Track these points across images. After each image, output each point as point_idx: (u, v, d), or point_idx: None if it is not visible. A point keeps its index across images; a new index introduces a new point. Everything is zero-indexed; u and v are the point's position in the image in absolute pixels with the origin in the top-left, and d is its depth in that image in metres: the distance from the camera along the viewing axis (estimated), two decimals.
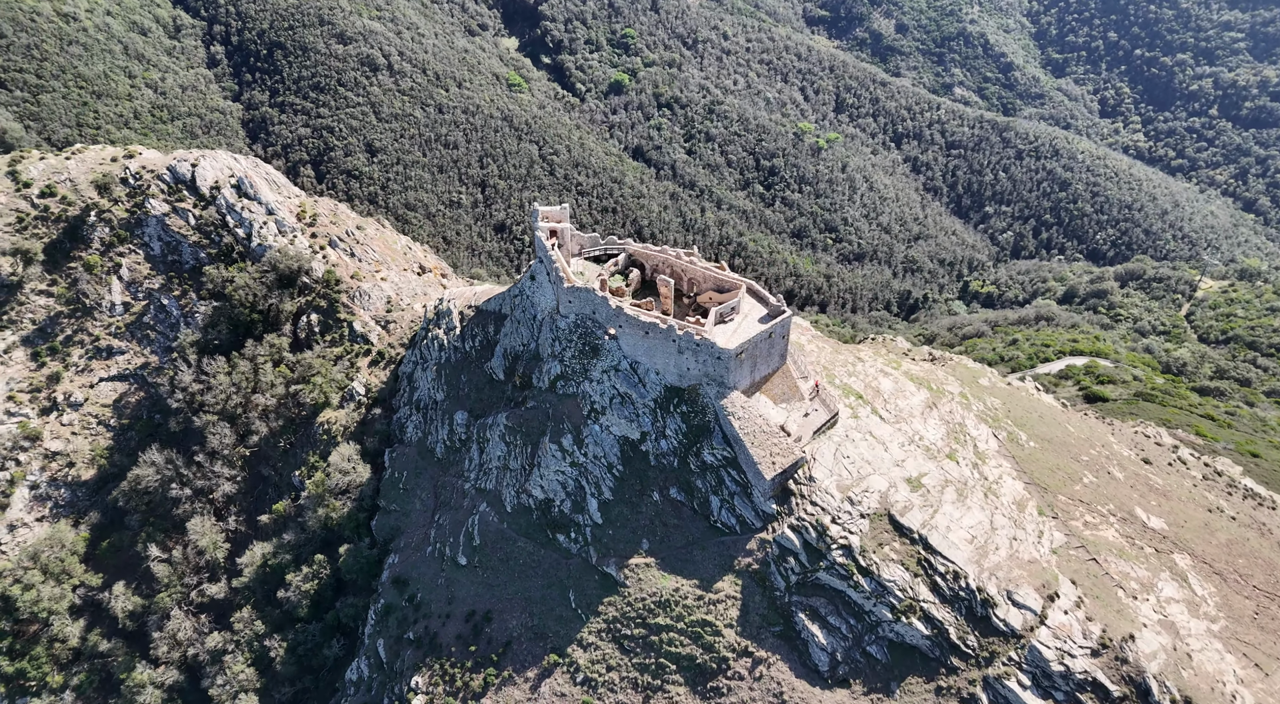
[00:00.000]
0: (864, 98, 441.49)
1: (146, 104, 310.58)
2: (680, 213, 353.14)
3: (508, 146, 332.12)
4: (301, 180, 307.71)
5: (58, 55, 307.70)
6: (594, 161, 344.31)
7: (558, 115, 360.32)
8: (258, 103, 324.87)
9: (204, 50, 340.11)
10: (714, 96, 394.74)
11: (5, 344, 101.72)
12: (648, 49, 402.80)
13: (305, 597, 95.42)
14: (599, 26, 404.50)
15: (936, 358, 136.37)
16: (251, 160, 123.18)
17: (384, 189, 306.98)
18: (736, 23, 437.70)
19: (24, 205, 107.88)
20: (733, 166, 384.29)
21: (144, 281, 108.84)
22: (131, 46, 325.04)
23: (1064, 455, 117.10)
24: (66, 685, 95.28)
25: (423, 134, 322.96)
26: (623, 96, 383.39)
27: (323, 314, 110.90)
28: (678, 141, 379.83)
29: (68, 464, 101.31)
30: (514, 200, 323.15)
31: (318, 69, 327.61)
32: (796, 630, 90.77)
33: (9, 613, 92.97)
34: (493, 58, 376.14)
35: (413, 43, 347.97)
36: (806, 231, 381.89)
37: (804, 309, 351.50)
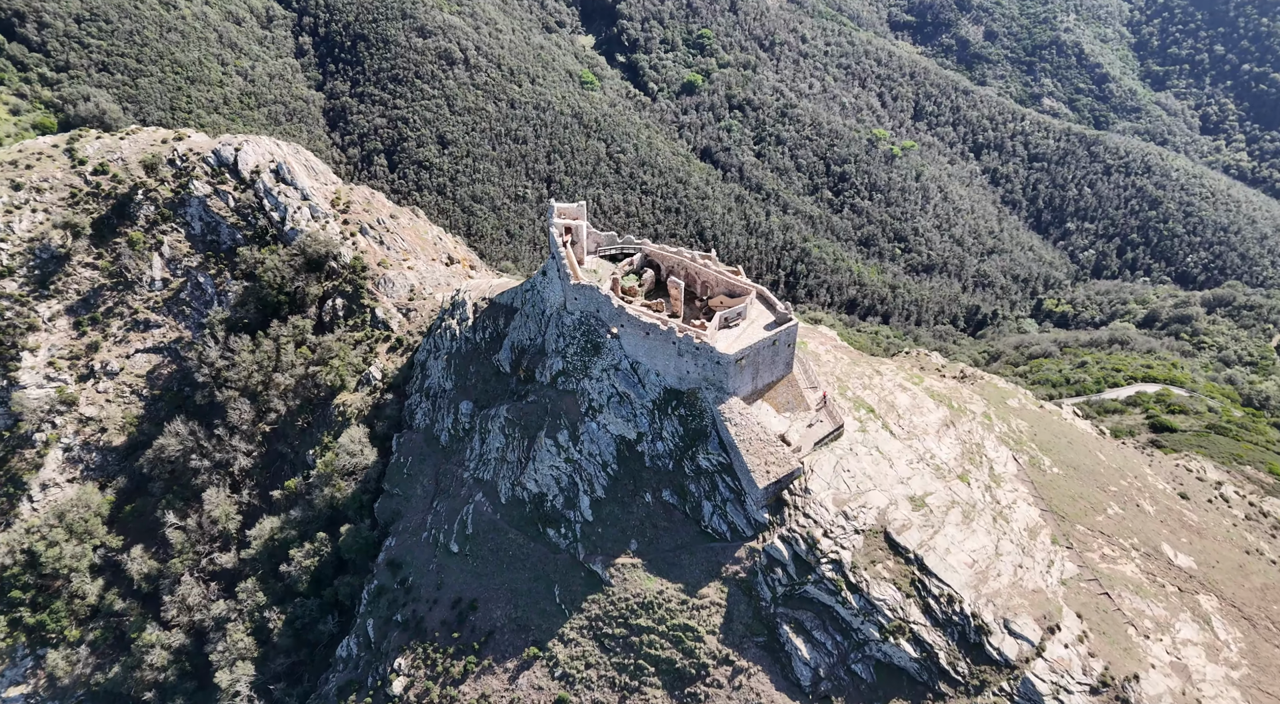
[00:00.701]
0: (944, 106, 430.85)
1: (236, 91, 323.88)
2: (744, 215, 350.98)
3: (576, 143, 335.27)
4: (374, 169, 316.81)
5: (157, 41, 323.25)
6: (660, 161, 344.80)
7: (628, 114, 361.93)
8: (339, 92, 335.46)
9: (293, 40, 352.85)
10: (787, 99, 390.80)
11: (50, 312, 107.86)
12: (723, 50, 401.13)
13: (306, 572, 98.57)
14: (676, 26, 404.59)
15: (967, 376, 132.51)
16: (292, 147, 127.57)
17: (452, 181, 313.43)
18: (816, 26, 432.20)
19: (78, 181, 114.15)
20: (802, 171, 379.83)
21: (183, 259, 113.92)
22: (226, 35, 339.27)
23: (1089, 484, 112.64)
24: (82, 640, 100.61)
25: (493, 128, 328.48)
26: (694, 97, 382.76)
27: (347, 299, 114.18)
28: (747, 144, 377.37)
29: (100, 430, 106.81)
30: (578, 196, 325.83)
31: (397, 61, 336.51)
32: (780, 642, 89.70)
33: (34, 567, 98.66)
34: (567, 55, 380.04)
35: (490, 38, 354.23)
36: (874, 240, 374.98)
37: (865, 319, 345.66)
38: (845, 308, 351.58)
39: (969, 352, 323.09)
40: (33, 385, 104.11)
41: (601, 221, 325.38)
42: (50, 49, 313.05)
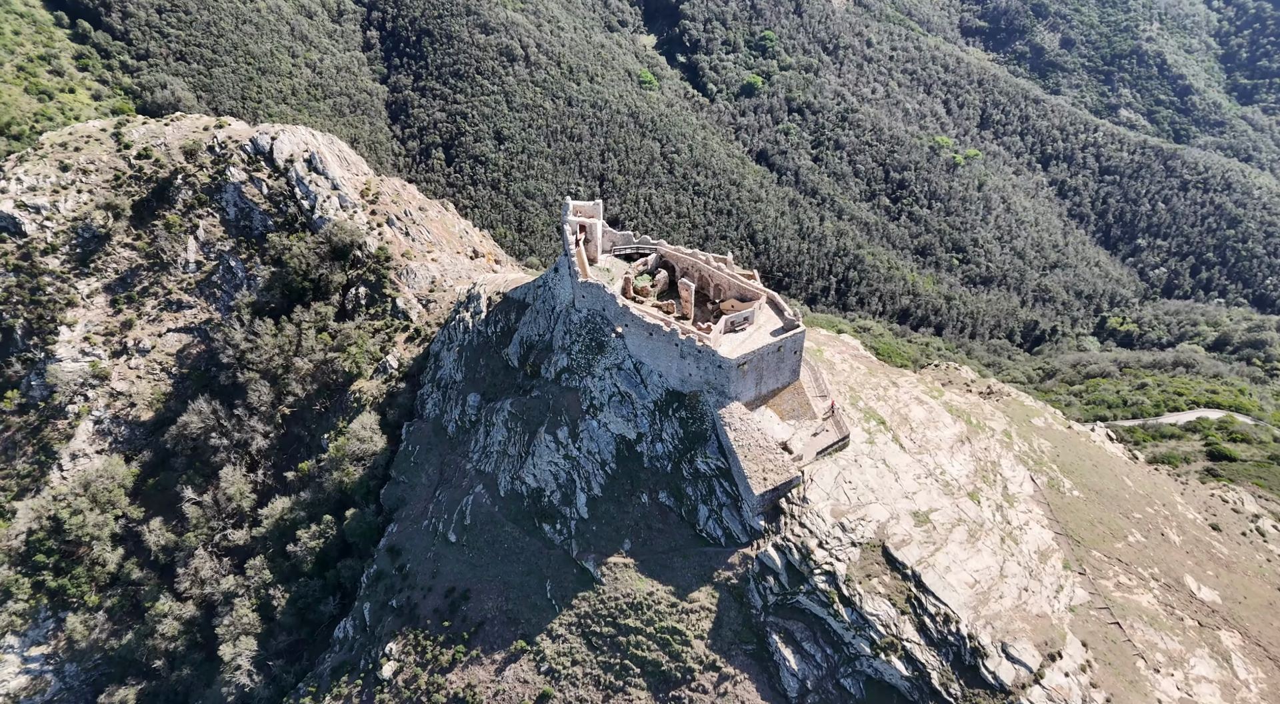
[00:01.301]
0: (1012, 114, 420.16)
1: (304, 82, 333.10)
2: (797, 220, 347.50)
3: (630, 142, 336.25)
4: (432, 162, 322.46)
5: (232, 32, 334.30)
6: (715, 162, 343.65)
7: (685, 114, 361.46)
8: (402, 86, 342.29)
9: (361, 34, 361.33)
10: (848, 104, 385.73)
11: (89, 289, 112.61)
12: (785, 53, 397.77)
13: (311, 553, 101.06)
14: (738, 28, 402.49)
15: (994, 391, 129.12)
16: (327, 137, 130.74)
17: (507, 176, 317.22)
18: (882, 30, 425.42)
19: (122, 164, 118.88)
20: (859, 177, 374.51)
21: (217, 243, 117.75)
22: (298, 28, 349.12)
23: (1112, 509, 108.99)
24: (100, 606, 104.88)
25: (550, 125, 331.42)
26: (753, 99, 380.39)
27: (370, 287, 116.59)
28: (805, 148, 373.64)
29: (129, 404, 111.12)
30: (629, 196, 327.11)
31: (459, 57, 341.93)
32: (769, 652, 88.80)
33: (58, 533, 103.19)
34: (628, 54, 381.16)
35: (551, 35, 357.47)
36: (931, 250, 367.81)
37: (917, 330, 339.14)
38: (897, 318, 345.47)
39: (1023, 368, 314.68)
40: (68, 359, 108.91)
41: (651, 222, 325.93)
42: (132, 38, 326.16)
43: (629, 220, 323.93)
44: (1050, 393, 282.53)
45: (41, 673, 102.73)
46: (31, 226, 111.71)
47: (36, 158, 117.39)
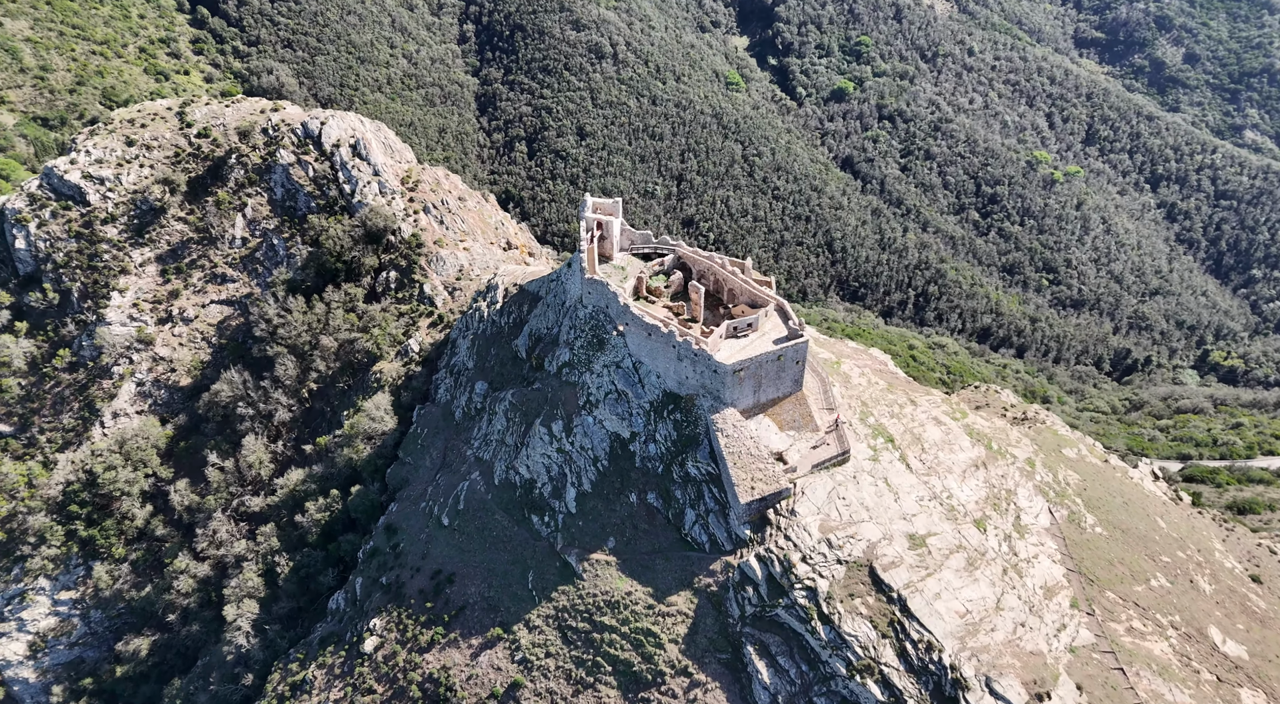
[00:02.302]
0: (1122, 131, 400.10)
1: (399, 72, 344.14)
2: (879, 229, 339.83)
3: (712, 143, 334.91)
4: (514, 155, 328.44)
5: (337, 22, 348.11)
6: (797, 167, 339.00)
7: (770, 117, 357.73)
8: (492, 79, 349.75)
9: (457, 28, 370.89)
10: (943, 113, 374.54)
11: (142, 258, 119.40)
12: (880, 58, 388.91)
13: (316, 525, 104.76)
14: (834, 32, 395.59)
15: (1029, 418, 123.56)
16: (375, 125, 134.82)
17: (585, 171, 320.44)
18: (986, 38, 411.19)
19: (183, 142, 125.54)
20: (949, 189, 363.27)
21: (262, 221, 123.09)
22: (398, 19, 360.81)
23: (1137, 550, 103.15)
24: (126, 558, 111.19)
25: (632, 123, 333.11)
26: (843, 104, 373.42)
27: (400, 272, 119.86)
28: (893, 156, 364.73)
29: (170, 369, 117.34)
30: (706, 197, 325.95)
31: (549, 52, 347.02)
32: (743, 663, 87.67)
33: (93, 486, 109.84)
34: (718, 55, 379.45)
35: (641, 34, 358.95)
36: (1019, 268, 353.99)
37: (997, 351, 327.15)
38: (977, 336, 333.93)
39: (1107, 397, 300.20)
40: (117, 323, 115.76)
41: (727, 224, 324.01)
42: (245, 24, 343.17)
43: (704, 221, 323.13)
44: (1134, 426, 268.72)
45: (69, 616, 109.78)
46: (95, 196, 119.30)
47: (106, 132, 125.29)
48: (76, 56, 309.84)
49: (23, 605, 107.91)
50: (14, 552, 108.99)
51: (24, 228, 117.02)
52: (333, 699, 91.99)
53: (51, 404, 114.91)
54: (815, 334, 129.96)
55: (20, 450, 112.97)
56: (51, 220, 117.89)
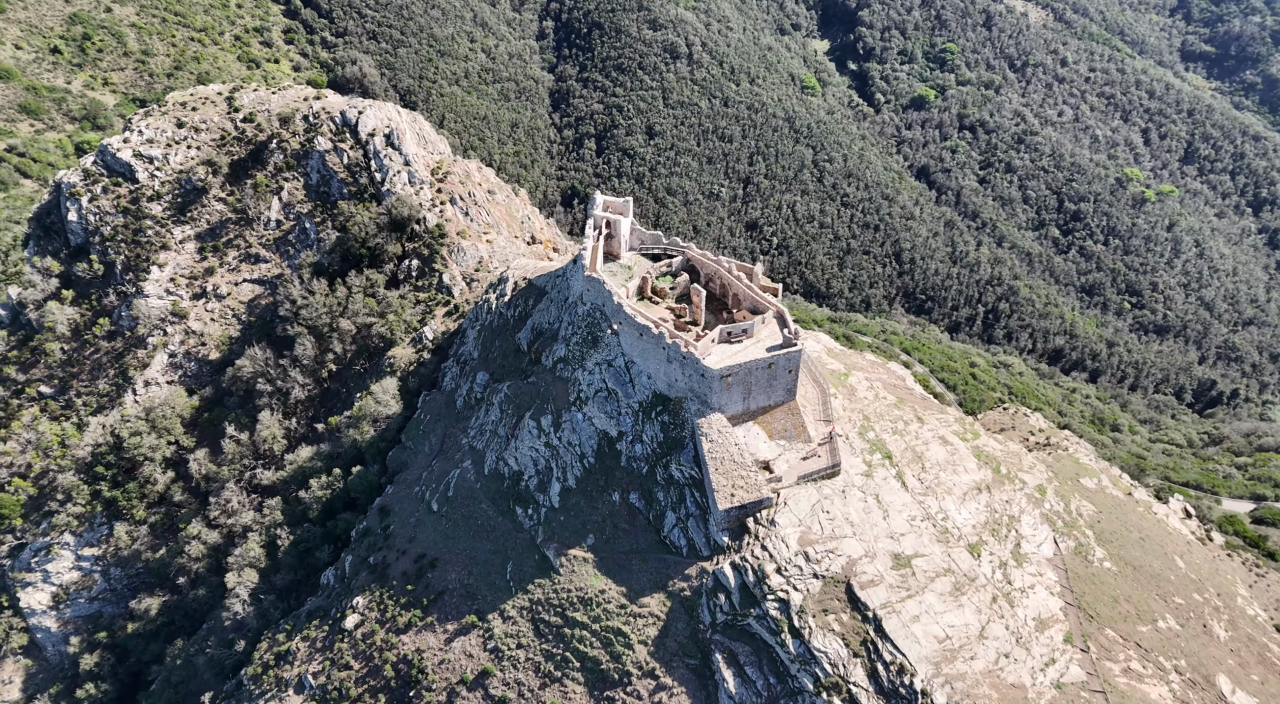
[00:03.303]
0: (1224, 151, 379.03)
1: (477, 66, 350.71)
2: (951, 242, 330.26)
3: (782, 147, 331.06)
4: (583, 151, 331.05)
5: (421, 16, 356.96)
6: (869, 175, 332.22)
7: (845, 123, 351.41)
8: (567, 76, 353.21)
9: (537, 24, 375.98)
10: (1028, 125, 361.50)
11: (182, 236, 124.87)
12: (965, 67, 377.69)
13: (318, 502, 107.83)
14: (918, 38, 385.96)
15: (1052, 444, 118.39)
16: (411, 116, 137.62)
17: (652, 171, 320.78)
18: (1082, 49, 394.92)
19: (229, 126, 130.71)
20: (1029, 204, 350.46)
21: (297, 205, 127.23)
22: (479, 14, 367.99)
23: (1147, 589, 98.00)
24: (145, 521, 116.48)
25: (702, 124, 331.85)
26: (922, 112, 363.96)
27: (422, 261, 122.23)
28: (971, 168, 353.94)
29: (200, 343, 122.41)
30: (772, 201, 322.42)
31: (624, 51, 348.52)
32: (711, 670, 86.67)
33: (119, 450, 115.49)
34: (796, 58, 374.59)
35: (718, 35, 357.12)
36: (1099, 289, 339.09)
37: (1069, 374, 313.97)
38: (1048, 358, 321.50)
39: (1185, 430, 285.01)
40: (154, 296, 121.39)
41: (791, 229, 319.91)
42: (334, 16, 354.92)
43: (768, 226, 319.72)
44: (1209, 462, 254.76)
45: (90, 572, 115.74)
46: (143, 174, 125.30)
47: (159, 114, 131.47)
48: (176, 42, 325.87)
49: (48, 558, 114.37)
50: (43, 507, 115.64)
51: (77, 201, 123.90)
52: (311, 671, 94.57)
53: (90, 369, 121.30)
54: (831, 345, 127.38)
55: (57, 411, 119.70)
56: (102, 195, 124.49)
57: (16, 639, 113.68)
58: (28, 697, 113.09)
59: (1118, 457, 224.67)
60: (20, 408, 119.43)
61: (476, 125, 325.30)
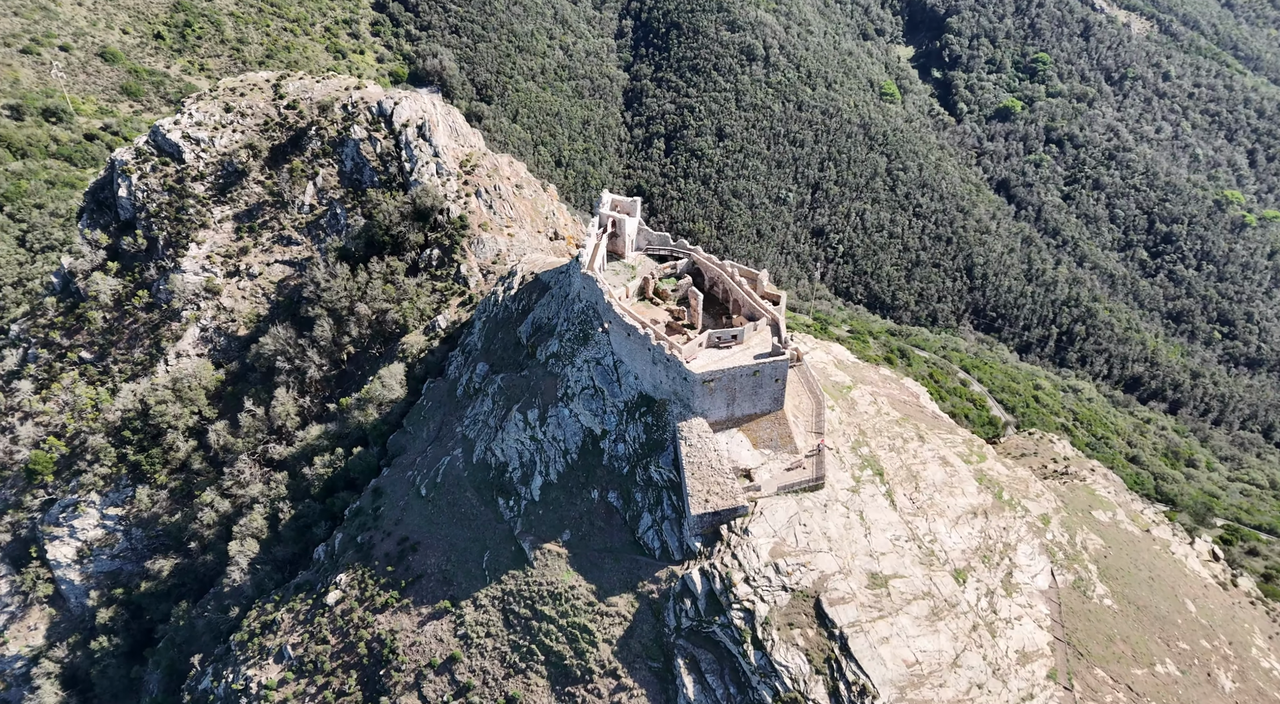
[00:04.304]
0: None
1: (554, 63, 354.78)
2: (1027, 259, 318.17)
3: (855, 154, 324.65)
4: (651, 151, 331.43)
5: (503, 12, 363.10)
6: (944, 185, 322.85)
7: (923, 132, 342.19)
8: (641, 75, 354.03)
9: (616, 23, 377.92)
10: (1121, 141, 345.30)
11: (221, 215, 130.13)
12: (1058, 78, 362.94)
13: (319, 479, 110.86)
14: (1009, 47, 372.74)
15: (1070, 473, 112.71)
16: (445, 108, 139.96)
17: (719, 173, 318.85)
18: (1187, 63, 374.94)
19: (273, 112, 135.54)
20: (1116, 223, 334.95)
21: (330, 191, 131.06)
22: (560, 11, 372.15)
23: (1149, 631, 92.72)
24: (166, 486, 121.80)
25: (774, 128, 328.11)
26: (1007, 124, 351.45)
27: (443, 251, 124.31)
28: (1056, 183, 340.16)
29: (231, 319, 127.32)
30: (841, 208, 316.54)
31: (700, 52, 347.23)
32: (673, 674, 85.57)
33: (145, 417, 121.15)
34: (877, 64, 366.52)
35: (797, 38, 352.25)
36: (1188, 317, 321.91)
37: (1146, 403, 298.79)
38: (1125, 385, 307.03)
39: (1270, 471, 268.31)
40: (191, 272, 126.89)
41: (859, 238, 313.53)
42: (420, 10, 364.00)
43: (834, 233, 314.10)
44: None
45: (114, 531, 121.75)
46: (190, 155, 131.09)
47: (210, 98, 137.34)
48: (270, 32, 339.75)
49: (75, 514, 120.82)
50: (73, 466, 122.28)
51: (127, 178, 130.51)
52: (291, 642, 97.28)
53: (127, 338, 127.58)
54: (844, 356, 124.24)
55: (95, 376, 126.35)
56: (151, 173, 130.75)
57: (43, 588, 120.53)
58: (49, 643, 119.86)
59: (1186, 493, 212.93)
60: (62, 371, 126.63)
61: (548, 121, 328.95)
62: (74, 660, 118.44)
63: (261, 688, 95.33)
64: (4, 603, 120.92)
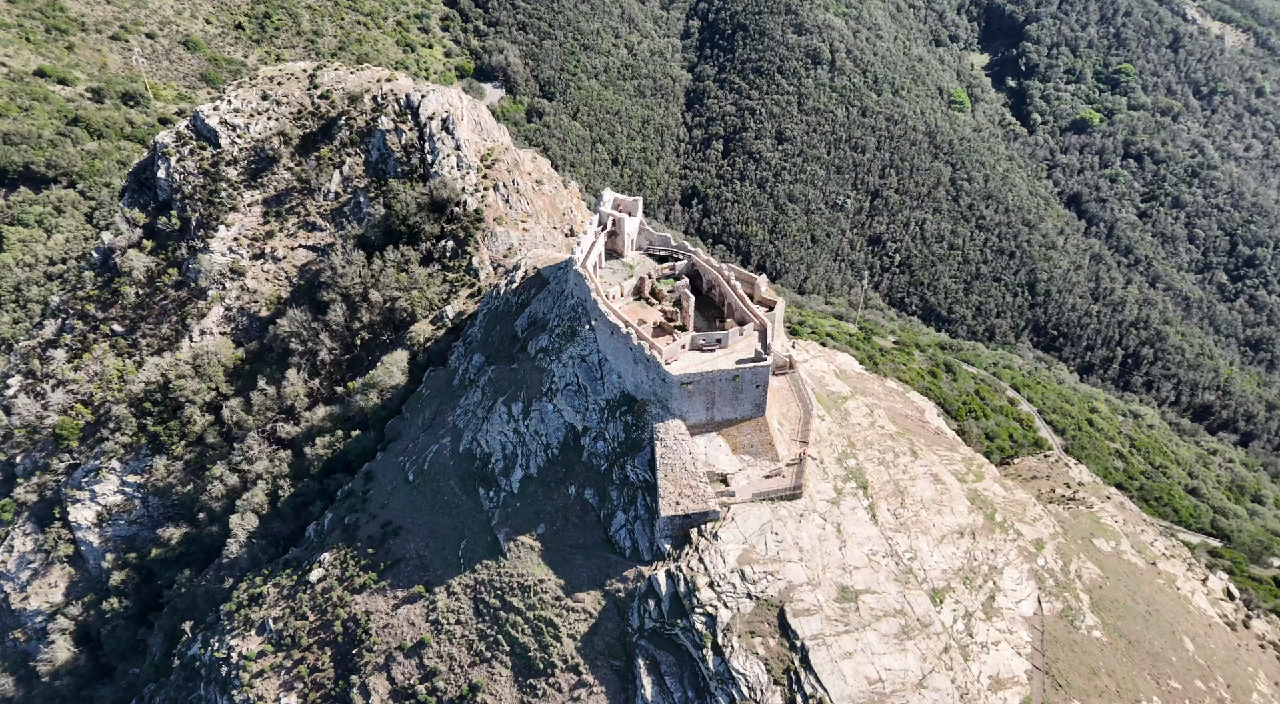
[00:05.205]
0: None
1: (617, 62, 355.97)
2: (1095, 277, 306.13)
3: (918, 162, 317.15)
4: (709, 152, 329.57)
5: (570, 9, 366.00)
6: (1010, 198, 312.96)
7: (992, 142, 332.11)
8: (705, 76, 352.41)
9: (683, 23, 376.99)
10: (1205, 159, 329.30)
11: (250, 200, 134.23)
12: (1141, 90, 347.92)
13: (318, 460, 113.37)
14: (1091, 56, 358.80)
15: (1076, 499, 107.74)
16: (471, 102, 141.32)
17: (776, 176, 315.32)
18: None
19: (306, 102, 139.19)
20: (1194, 244, 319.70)
21: (355, 179, 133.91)
22: (628, 11, 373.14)
23: (1139, 666, 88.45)
24: (181, 458, 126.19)
25: (835, 132, 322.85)
26: (1082, 136, 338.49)
27: (457, 243, 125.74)
28: (1132, 199, 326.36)
29: (253, 300, 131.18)
30: (900, 217, 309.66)
31: (765, 54, 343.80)
32: (634, 674, 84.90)
33: (166, 390, 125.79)
34: (948, 71, 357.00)
35: (865, 43, 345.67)
36: (1267, 345, 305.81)
37: (1216, 434, 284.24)
38: (1193, 413, 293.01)
39: None
40: (218, 253, 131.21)
41: (916, 247, 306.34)
42: (489, 6, 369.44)
43: (891, 242, 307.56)
44: None
45: (132, 497, 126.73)
46: (225, 140, 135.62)
47: (249, 86, 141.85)
48: (344, 25, 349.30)
49: (97, 479, 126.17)
50: (98, 433, 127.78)
51: (166, 160, 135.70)
52: (273, 616, 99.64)
53: (156, 314, 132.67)
54: (849, 366, 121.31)
55: (124, 349, 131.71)
56: (188, 157, 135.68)
57: (64, 548, 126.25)
58: (67, 601, 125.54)
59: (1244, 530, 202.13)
60: (94, 342, 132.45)
61: (608, 119, 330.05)
62: (87, 619, 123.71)
63: (241, 658, 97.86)
64: (29, 560, 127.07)
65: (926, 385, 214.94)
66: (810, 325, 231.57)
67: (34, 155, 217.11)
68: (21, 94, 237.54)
